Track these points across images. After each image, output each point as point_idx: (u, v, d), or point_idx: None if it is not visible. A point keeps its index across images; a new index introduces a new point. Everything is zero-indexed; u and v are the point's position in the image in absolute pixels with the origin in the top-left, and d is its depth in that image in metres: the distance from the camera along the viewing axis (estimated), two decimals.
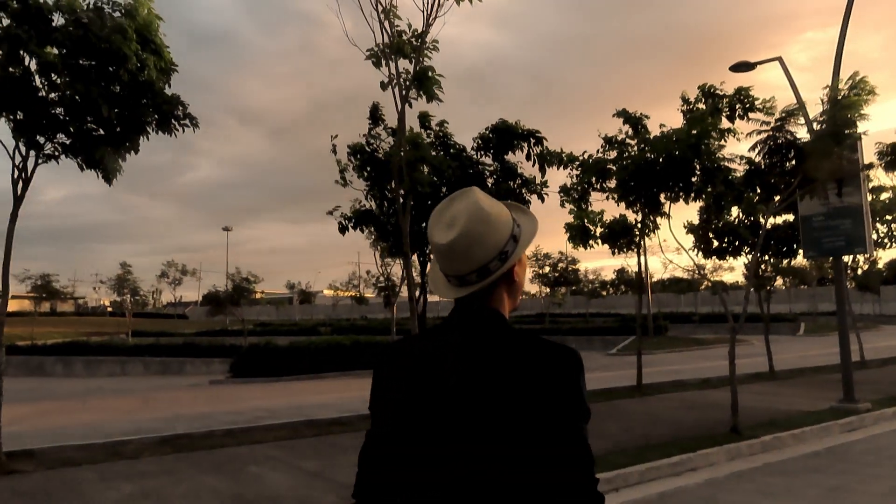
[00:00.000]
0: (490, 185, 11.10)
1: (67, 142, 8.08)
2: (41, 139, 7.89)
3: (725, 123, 10.73)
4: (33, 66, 7.53)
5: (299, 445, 9.34)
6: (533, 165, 11.36)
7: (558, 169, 13.36)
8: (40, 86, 7.58)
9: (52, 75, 7.49)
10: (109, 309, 71.52)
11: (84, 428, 11.16)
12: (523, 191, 11.73)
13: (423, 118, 11.21)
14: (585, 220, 13.88)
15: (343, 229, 11.36)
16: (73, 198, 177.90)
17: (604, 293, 56.05)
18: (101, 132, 7.94)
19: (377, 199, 11.20)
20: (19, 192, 8.05)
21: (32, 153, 8.09)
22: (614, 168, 11.79)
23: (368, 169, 11.00)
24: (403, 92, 6.73)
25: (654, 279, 49.15)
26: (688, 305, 62.30)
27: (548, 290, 47.32)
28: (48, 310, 66.80)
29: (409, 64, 7.07)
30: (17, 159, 8.03)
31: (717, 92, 11.51)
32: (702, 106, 11.55)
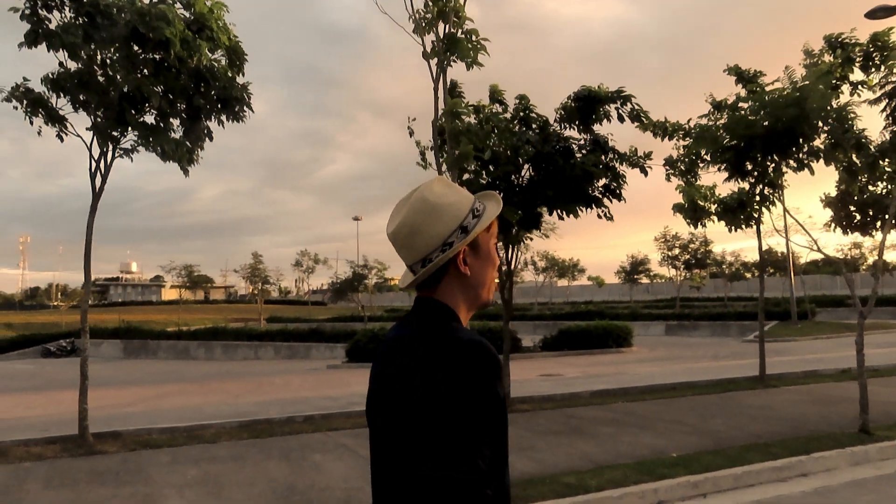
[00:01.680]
0: (579, 159, 10.27)
1: (135, 135, 8.22)
2: (115, 133, 8.07)
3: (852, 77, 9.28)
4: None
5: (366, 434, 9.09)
6: (632, 122, 10.39)
7: (663, 140, 12.28)
8: (102, 81, 7.74)
9: (110, 71, 7.62)
10: (254, 295, 76.01)
11: (189, 410, 11.58)
12: (617, 165, 10.79)
13: (494, 91, 10.56)
14: (696, 197, 12.64)
15: None
16: (226, 194, 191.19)
17: (747, 275, 52.33)
18: (162, 124, 8.01)
19: (456, 180, 10.74)
20: (97, 186, 8.31)
21: (110, 147, 8.32)
22: (725, 135, 10.57)
23: (447, 149, 10.56)
24: (437, 58, 6.19)
25: (803, 260, 45.07)
26: (845, 288, 56.82)
27: (683, 273, 44.76)
28: (202, 298, 72.27)
29: (451, 29, 6.52)
30: (95, 154, 8.28)
31: (847, 41, 10.01)
32: (828, 59, 10.09)
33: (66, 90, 7.76)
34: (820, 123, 9.16)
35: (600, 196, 10.67)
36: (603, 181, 10.64)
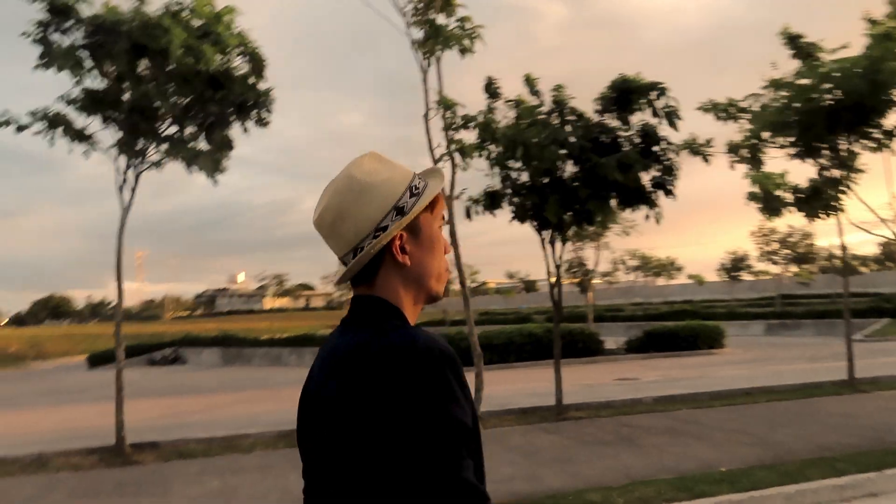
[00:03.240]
0: (626, 150, 9.57)
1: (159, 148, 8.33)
2: (136, 147, 8.21)
3: None
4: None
5: None
6: (661, 120, 9.61)
7: (725, 122, 11.41)
8: (113, 96, 7.88)
9: (123, 83, 7.75)
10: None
11: (245, 419, 11.71)
12: (672, 155, 10.00)
13: (528, 80, 10.01)
14: (767, 185, 11.60)
15: (469, 213, 10.61)
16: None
17: (864, 269, 48.52)
18: (179, 133, 8.07)
19: (505, 177, 10.30)
20: (126, 200, 8.47)
21: (136, 160, 8.48)
22: (789, 114, 9.64)
23: (489, 146, 10.16)
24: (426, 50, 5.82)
25: None
26: None
27: (785, 269, 41.94)
28: (303, 306, 74.68)
29: (444, 17, 6.14)
30: (121, 168, 8.46)
31: None
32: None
33: (85, 108, 7.95)
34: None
35: (648, 191, 9.91)
36: (650, 175, 9.88)
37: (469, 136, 6.01)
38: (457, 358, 1.08)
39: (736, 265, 48.29)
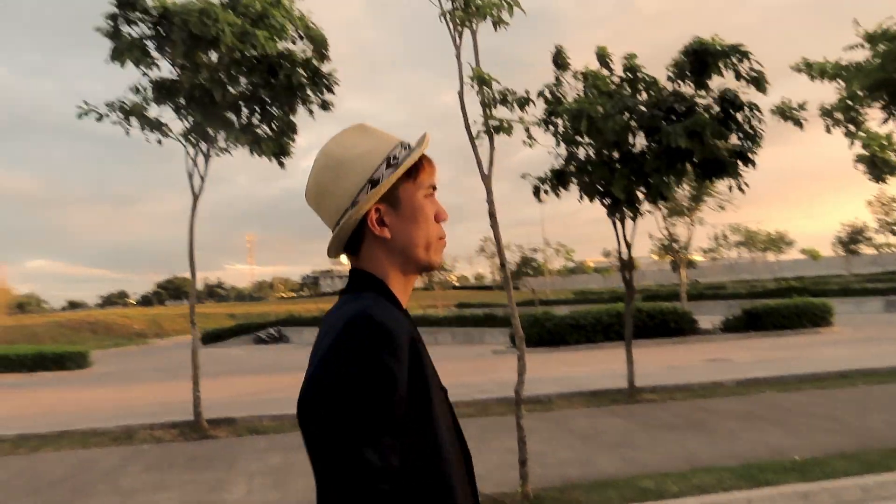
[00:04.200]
0: (696, 117, 8.96)
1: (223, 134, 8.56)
2: (200, 133, 8.49)
3: None
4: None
5: (473, 424, 8.78)
6: (748, 84, 8.90)
7: (822, 81, 10.57)
8: (177, 84, 8.14)
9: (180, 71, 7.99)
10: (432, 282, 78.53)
11: None
12: (756, 122, 9.30)
13: (601, 54, 9.54)
14: (873, 148, 10.64)
15: (538, 192, 10.33)
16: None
17: None
18: (236, 119, 8.27)
19: (569, 155, 9.93)
20: (196, 186, 8.79)
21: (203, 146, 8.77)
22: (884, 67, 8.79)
23: (556, 121, 9.83)
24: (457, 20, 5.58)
25: None
26: None
27: None
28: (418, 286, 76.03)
29: None
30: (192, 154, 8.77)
31: None
32: None
33: (155, 98, 8.29)
34: None
35: (727, 160, 9.29)
36: (728, 144, 9.24)
37: (508, 113, 5.80)
38: (399, 336, 1.04)
39: (853, 238, 44.94)
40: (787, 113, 10.76)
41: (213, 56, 8.27)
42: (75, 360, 25.96)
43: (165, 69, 8.56)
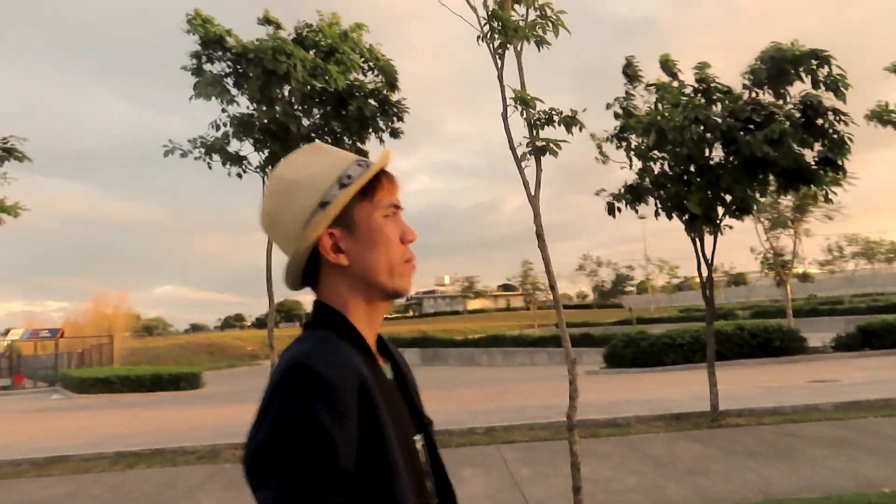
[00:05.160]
0: (775, 124, 8.49)
1: None
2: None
3: None
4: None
5: (541, 448, 8.63)
6: (826, 90, 8.33)
7: None
8: (254, 119, 8.58)
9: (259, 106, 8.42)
10: (547, 300, 77.13)
11: None
12: (842, 127, 8.72)
13: (665, 62, 9.23)
14: None
15: (612, 210, 10.08)
16: (527, 204, 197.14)
17: None
18: None
19: (643, 170, 9.65)
20: None
21: None
22: None
23: (626, 136, 9.62)
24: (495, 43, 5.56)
25: None
26: None
27: None
28: (504, 306, 75.90)
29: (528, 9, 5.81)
30: None
31: None
32: None
33: (235, 133, 8.77)
34: None
35: (813, 169, 8.76)
36: (814, 152, 8.73)
37: (556, 133, 5.74)
38: (338, 385, 0.95)
39: None
40: (884, 117, 10.09)
41: (287, 90, 8.67)
42: (189, 380, 27.48)
43: (244, 104, 9.06)
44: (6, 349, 42.35)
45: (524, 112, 5.62)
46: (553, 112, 5.69)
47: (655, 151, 9.33)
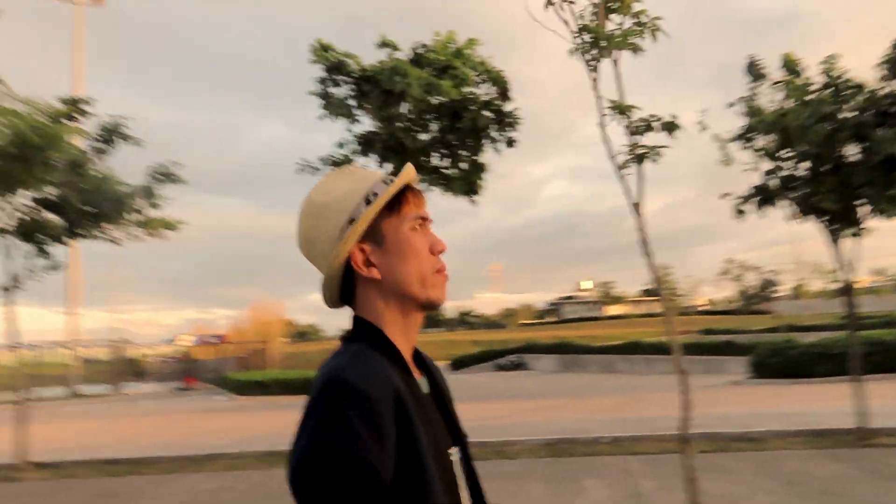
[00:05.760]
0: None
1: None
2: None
3: None
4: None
5: (668, 461, 8.35)
6: None
7: None
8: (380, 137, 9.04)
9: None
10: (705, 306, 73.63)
11: (542, 425, 12.16)
12: None
13: (787, 61, 8.60)
14: None
15: (740, 213, 9.58)
16: (666, 207, 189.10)
17: None
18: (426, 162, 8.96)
19: (771, 171, 9.10)
20: None
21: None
22: None
23: (751, 136, 9.14)
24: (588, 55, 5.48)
25: None
26: None
27: None
28: (645, 312, 73.46)
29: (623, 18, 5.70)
30: None
31: None
32: None
33: (360, 150, 9.29)
34: None
35: None
36: None
37: (657, 138, 5.60)
38: (372, 396, 0.99)
39: None
40: None
41: (404, 107, 9.07)
42: None
43: (367, 123, 9.57)
44: (179, 354, 46.72)
45: (626, 119, 5.56)
46: (652, 119, 5.58)
47: (783, 151, 8.82)
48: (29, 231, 9.50)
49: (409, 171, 1.18)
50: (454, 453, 1.16)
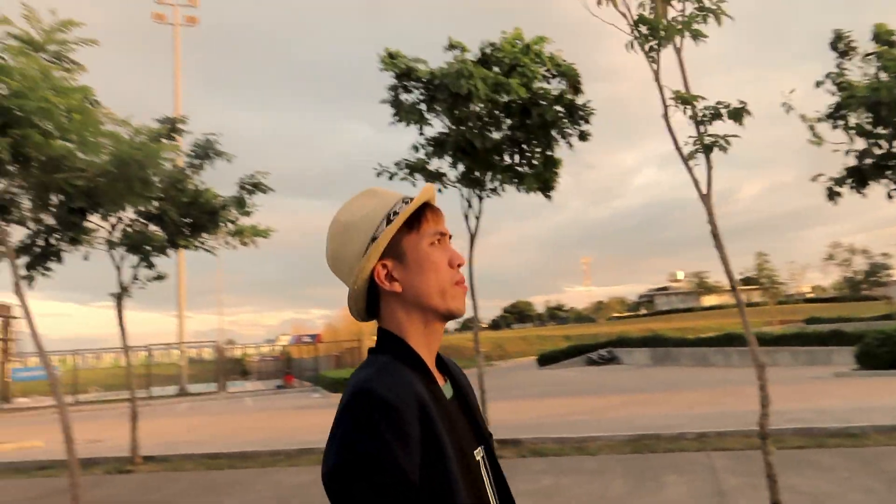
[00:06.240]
0: None
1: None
2: (471, 179, 9.47)
3: None
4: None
5: (756, 457, 8.11)
6: None
7: None
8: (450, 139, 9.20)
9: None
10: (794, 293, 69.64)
11: (623, 421, 12.07)
12: None
13: (879, 32, 8.08)
14: None
15: (832, 196, 9.16)
16: (766, 190, 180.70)
17: None
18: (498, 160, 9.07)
19: (865, 150, 8.64)
20: (471, 226, 9.78)
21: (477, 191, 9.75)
22: None
23: (842, 114, 8.72)
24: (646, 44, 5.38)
25: None
26: None
27: None
28: (744, 301, 70.32)
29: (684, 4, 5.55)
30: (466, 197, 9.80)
31: None
32: None
33: (433, 153, 9.49)
34: None
35: None
36: None
37: (726, 127, 5.48)
38: (398, 405, 1.06)
39: None
40: None
41: (473, 108, 9.21)
42: None
43: (437, 126, 9.76)
44: (278, 353, 48.66)
45: (686, 110, 5.49)
46: (720, 106, 5.48)
47: (878, 128, 8.39)
48: (135, 244, 10.26)
49: (427, 191, 1.27)
50: (478, 453, 1.23)
